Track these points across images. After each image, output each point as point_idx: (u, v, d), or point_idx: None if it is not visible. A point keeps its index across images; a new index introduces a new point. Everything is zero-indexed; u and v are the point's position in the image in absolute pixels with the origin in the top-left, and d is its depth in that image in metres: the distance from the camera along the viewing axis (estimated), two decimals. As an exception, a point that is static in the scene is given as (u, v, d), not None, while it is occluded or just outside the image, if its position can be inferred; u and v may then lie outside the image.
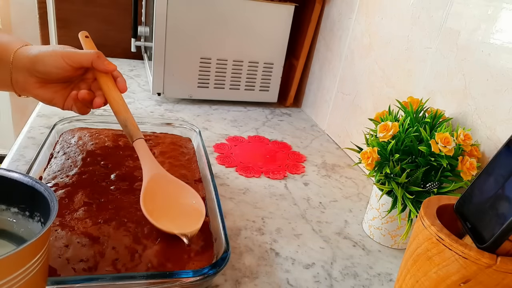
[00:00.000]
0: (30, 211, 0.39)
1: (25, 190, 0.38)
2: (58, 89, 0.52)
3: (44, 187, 0.37)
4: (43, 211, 0.37)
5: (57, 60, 0.48)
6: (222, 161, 0.77)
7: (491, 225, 0.34)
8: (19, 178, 0.38)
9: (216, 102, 1.08)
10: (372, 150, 0.56)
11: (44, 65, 0.48)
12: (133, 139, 0.51)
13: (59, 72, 0.49)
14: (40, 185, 0.37)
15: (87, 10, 1.25)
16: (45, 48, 0.49)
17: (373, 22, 0.81)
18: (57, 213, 0.34)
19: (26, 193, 0.38)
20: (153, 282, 0.40)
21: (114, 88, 0.52)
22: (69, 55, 0.49)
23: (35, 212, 0.39)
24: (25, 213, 0.39)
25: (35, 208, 0.39)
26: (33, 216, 0.39)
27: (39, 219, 0.38)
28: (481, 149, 0.54)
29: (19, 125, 1.70)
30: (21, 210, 0.40)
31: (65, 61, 0.49)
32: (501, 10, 0.52)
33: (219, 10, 0.96)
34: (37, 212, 0.38)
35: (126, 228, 0.47)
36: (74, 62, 0.50)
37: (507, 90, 0.51)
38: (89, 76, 0.54)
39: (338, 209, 0.68)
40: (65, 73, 0.50)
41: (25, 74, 0.49)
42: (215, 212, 0.51)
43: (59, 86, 0.52)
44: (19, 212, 0.40)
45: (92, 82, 0.54)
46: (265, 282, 0.49)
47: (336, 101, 0.95)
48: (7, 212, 0.40)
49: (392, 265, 0.56)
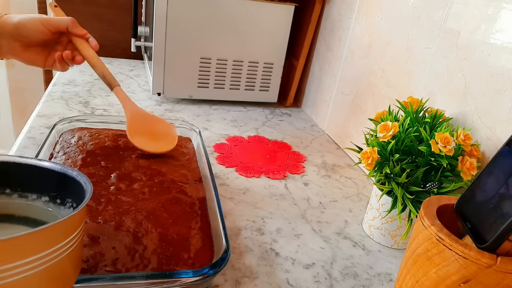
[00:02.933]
0: (61, 198, 0.40)
1: (55, 177, 0.39)
2: (39, 51, 0.60)
3: (76, 172, 0.38)
4: (75, 197, 0.38)
5: (37, 25, 0.57)
6: (222, 161, 0.77)
7: (491, 225, 0.34)
8: (49, 166, 0.40)
9: (216, 102, 1.08)
10: (372, 150, 0.56)
11: (27, 30, 0.56)
12: (112, 87, 0.63)
13: (39, 36, 0.57)
14: (71, 171, 0.38)
15: (87, 10, 1.25)
16: (25, 16, 0.57)
17: (373, 22, 0.81)
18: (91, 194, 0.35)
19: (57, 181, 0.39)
20: (153, 282, 0.40)
21: (88, 47, 0.61)
22: (47, 21, 0.57)
23: (67, 198, 0.40)
24: (56, 200, 0.41)
25: (67, 194, 0.40)
26: (65, 203, 0.40)
27: (71, 204, 0.39)
28: (481, 149, 0.54)
29: (19, 125, 1.70)
30: (52, 198, 0.41)
31: (44, 26, 0.57)
32: (501, 10, 0.52)
33: (219, 10, 0.96)
34: (69, 198, 0.40)
35: (126, 228, 0.47)
36: (52, 27, 0.58)
37: (507, 90, 0.51)
38: (64, 40, 0.62)
39: (338, 209, 0.68)
40: (43, 36, 0.58)
41: (9, 39, 0.57)
42: (215, 212, 0.51)
43: (39, 48, 0.60)
44: (50, 200, 0.41)
45: (66, 44, 0.62)
46: (265, 282, 0.49)
47: (336, 101, 0.95)
48: (39, 201, 0.41)
49: (392, 265, 0.56)
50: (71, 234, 0.32)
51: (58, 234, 0.31)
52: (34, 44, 0.58)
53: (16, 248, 0.28)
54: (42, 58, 0.61)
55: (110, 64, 1.25)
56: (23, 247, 0.28)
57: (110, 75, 0.63)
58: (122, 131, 0.69)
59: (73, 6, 1.23)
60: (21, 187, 0.41)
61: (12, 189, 0.41)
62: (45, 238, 0.30)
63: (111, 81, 0.63)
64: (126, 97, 0.64)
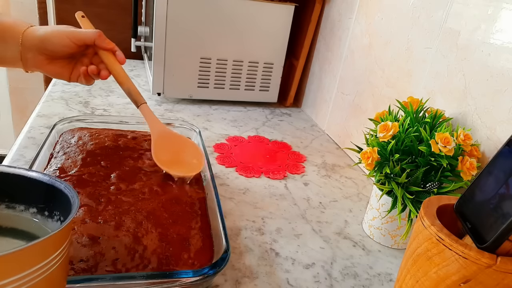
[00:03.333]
0: (49, 210, 0.39)
1: (43, 188, 0.38)
2: (64, 64, 0.59)
3: (64, 185, 0.37)
4: (62, 209, 0.37)
5: (63, 39, 0.55)
6: (222, 161, 0.77)
7: (491, 225, 0.34)
8: (37, 177, 0.38)
9: (216, 102, 1.08)
10: (372, 150, 0.56)
11: (52, 44, 0.55)
12: (138, 104, 0.60)
13: (65, 49, 0.56)
14: (59, 183, 0.37)
15: (87, 10, 1.24)
16: (51, 28, 0.56)
17: (373, 22, 0.81)
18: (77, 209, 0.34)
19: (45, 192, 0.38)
20: (153, 282, 0.40)
21: (115, 61, 0.59)
22: (73, 35, 0.56)
23: (54, 211, 0.39)
24: (44, 212, 0.39)
25: (54, 207, 0.39)
26: (53, 216, 0.39)
27: (59, 218, 0.38)
28: (481, 149, 0.54)
29: (19, 125, 1.70)
30: (40, 210, 0.40)
31: (70, 40, 0.56)
32: (501, 10, 0.52)
33: (219, 10, 0.96)
34: (57, 211, 0.38)
35: (126, 228, 0.47)
36: (78, 41, 0.56)
37: (507, 90, 0.51)
38: (90, 52, 0.60)
39: (338, 209, 0.68)
40: (69, 50, 0.56)
41: (34, 52, 0.55)
42: (215, 212, 0.51)
43: (64, 61, 0.58)
44: (37, 212, 0.40)
45: (92, 56, 0.60)
46: (265, 282, 0.49)
47: (336, 101, 0.95)
48: (26, 213, 0.40)
49: (392, 265, 0.56)
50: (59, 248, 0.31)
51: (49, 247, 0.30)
52: (60, 57, 0.57)
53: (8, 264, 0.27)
54: (68, 71, 0.59)
55: (110, 64, 1.25)
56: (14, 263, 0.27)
57: (137, 92, 0.61)
58: (122, 131, 0.69)
59: (73, 6, 1.23)
60: (9, 198, 0.40)
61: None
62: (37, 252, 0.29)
63: (137, 98, 0.60)
64: (153, 115, 0.61)
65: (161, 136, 0.60)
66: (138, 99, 0.60)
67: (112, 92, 1.03)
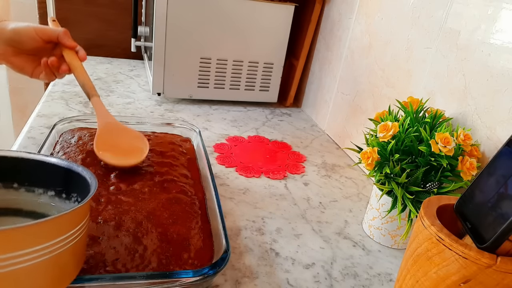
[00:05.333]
0: (66, 192, 0.42)
1: (61, 173, 0.41)
2: (29, 59, 0.60)
3: (82, 168, 0.40)
4: (80, 191, 0.40)
5: (30, 32, 0.58)
6: (222, 161, 0.77)
7: (491, 225, 0.34)
8: (56, 162, 0.41)
9: (216, 102, 1.08)
10: (372, 150, 0.56)
11: (20, 35, 0.58)
12: (90, 97, 0.61)
13: (31, 42, 0.58)
14: (77, 166, 0.40)
15: (87, 10, 1.25)
16: (21, 23, 0.59)
17: (373, 22, 0.81)
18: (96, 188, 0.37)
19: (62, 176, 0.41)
20: (153, 282, 0.40)
21: (75, 58, 0.61)
22: (40, 29, 0.59)
23: (72, 193, 0.42)
24: (62, 195, 0.42)
25: (72, 189, 0.41)
26: (70, 198, 0.42)
27: (76, 199, 0.41)
28: (481, 149, 0.54)
29: (19, 125, 1.69)
30: (57, 192, 0.43)
31: (36, 33, 0.58)
32: (501, 10, 0.52)
33: (219, 10, 0.96)
34: (74, 192, 0.41)
35: (126, 228, 0.47)
36: (44, 35, 0.59)
37: (507, 90, 0.51)
38: (57, 52, 0.62)
39: (338, 209, 0.68)
40: (36, 43, 0.59)
41: (3, 44, 0.58)
42: (215, 212, 0.51)
43: (30, 56, 0.60)
44: (55, 195, 0.42)
45: (59, 57, 0.61)
46: (265, 282, 0.49)
47: (336, 101, 0.95)
48: (45, 196, 0.42)
49: (392, 265, 0.56)
50: (75, 226, 0.34)
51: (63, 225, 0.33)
52: (26, 51, 0.59)
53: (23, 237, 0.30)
54: (31, 66, 0.61)
55: (110, 64, 1.26)
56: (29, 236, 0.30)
57: (91, 86, 0.62)
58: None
59: (73, 6, 1.23)
60: (28, 182, 0.43)
61: (19, 184, 0.43)
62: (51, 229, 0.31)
63: (90, 91, 0.61)
64: (103, 109, 0.62)
65: (107, 128, 0.61)
66: (90, 92, 0.61)
67: (112, 92, 1.03)
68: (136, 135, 0.62)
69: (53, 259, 0.32)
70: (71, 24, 1.24)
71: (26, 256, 0.30)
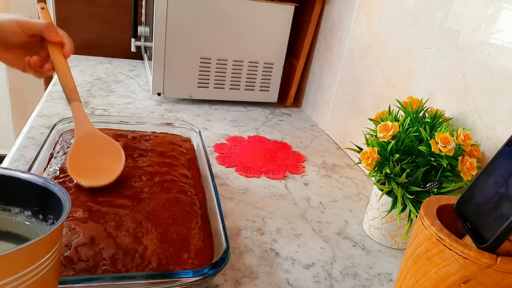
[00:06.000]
0: (43, 213, 0.39)
1: (38, 191, 0.38)
2: (19, 54, 0.58)
3: (58, 188, 0.37)
4: (56, 213, 0.37)
5: (13, 26, 0.55)
6: (222, 161, 0.77)
7: (491, 225, 0.34)
8: (31, 179, 0.38)
9: (216, 102, 1.08)
10: (372, 150, 0.56)
11: (3, 31, 0.55)
12: (70, 101, 0.57)
13: (16, 38, 0.56)
14: (53, 186, 0.37)
15: (87, 10, 1.25)
16: (5, 16, 0.56)
17: (373, 22, 0.81)
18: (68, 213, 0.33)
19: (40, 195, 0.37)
20: (153, 282, 0.40)
21: (60, 55, 0.58)
22: (23, 23, 0.56)
23: (49, 214, 0.38)
24: (39, 216, 0.39)
25: (48, 210, 0.38)
26: (47, 219, 0.39)
27: (52, 221, 0.38)
28: (481, 149, 0.54)
29: (19, 125, 1.70)
30: (34, 213, 0.39)
31: (19, 28, 0.55)
32: (501, 10, 0.52)
33: (219, 10, 0.96)
34: (51, 214, 0.38)
35: (126, 228, 0.47)
36: (26, 29, 0.56)
37: (507, 90, 0.51)
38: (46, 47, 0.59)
39: (338, 209, 0.68)
40: (20, 38, 0.56)
41: None
42: (215, 212, 0.51)
43: (20, 51, 0.58)
44: (32, 215, 0.39)
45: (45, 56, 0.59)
46: (265, 282, 0.49)
47: (336, 101, 0.95)
48: (21, 215, 0.39)
49: (392, 265, 0.56)
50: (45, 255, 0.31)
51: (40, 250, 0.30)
52: (13, 45, 0.57)
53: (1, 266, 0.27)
54: (22, 60, 0.58)
55: (110, 64, 1.26)
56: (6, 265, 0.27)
57: (73, 89, 0.57)
58: (122, 131, 0.69)
59: (73, 6, 1.23)
60: (4, 200, 0.39)
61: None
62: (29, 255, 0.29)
63: (71, 93, 0.57)
64: (83, 116, 0.57)
65: (84, 139, 0.56)
66: (71, 96, 0.57)
67: (112, 92, 1.03)
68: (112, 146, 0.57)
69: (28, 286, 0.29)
70: (71, 24, 1.24)
71: None
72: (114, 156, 0.56)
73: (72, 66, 1.16)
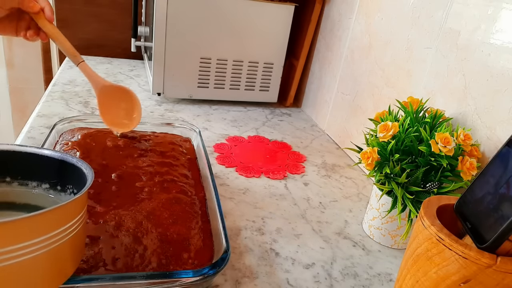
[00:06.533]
0: (61, 185, 0.41)
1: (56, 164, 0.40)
2: (6, 21, 0.60)
3: (76, 159, 0.39)
4: (75, 182, 0.40)
5: None
6: (222, 161, 0.77)
7: (491, 225, 0.34)
8: (49, 154, 0.41)
9: (216, 102, 1.08)
10: (372, 150, 0.56)
11: None
12: (76, 64, 0.62)
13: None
14: (71, 158, 0.40)
15: (87, 10, 1.25)
16: None
17: (373, 22, 0.81)
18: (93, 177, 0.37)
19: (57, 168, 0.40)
20: (153, 282, 0.40)
21: (45, 22, 0.59)
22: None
23: (67, 185, 0.41)
24: (57, 187, 0.42)
25: (67, 180, 0.41)
26: (65, 189, 0.41)
27: (72, 190, 0.41)
28: (481, 149, 0.54)
29: (19, 125, 1.70)
30: (52, 185, 0.42)
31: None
32: (501, 10, 0.52)
33: (219, 10, 0.96)
34: (69, 184, 0.41)
35: (126, 228, 0.47)
36: (5, 4, 0.57)
37: (507, 90, 0.51)
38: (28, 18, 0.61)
39: (338, 209, 0.68)
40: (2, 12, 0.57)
41: None
42: (215, 212, 0.51)
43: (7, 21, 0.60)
44: (50, 187, 0.42)
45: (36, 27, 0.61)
46: (265, 282, 0.49)
47: (336, 101, 0.95)
48: (39, 188, 0.42)
49: (392, 265, 0.56)
50: (73, 218, 0.33)
51: (59, 218, 0.32)
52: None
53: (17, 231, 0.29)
54: (12, 29, 0.60)
55: (110, 64, 1.26)
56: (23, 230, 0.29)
57: (73, 52, 0.61)
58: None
59: (73, 6, 1.23)
60: (22, 175, 0.42)
61: (12, 177, 0.42)
62: (49, 220, 0.31)
63: (73, 59, 0.61)
64: (92, 72, 0.63)
65: (102, 93, 0.63)
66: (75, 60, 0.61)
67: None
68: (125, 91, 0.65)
69: (51, 252, 0.31)
70: (71, 24, 1.24)
71: (24, 249, 0.29)
72: (129, 100, 0.65)
73: (72, 66, 1.17)
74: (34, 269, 0.31)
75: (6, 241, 0.28)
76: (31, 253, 0.30)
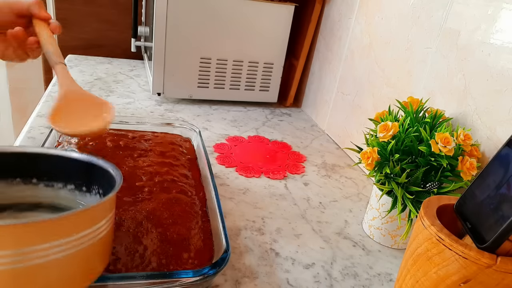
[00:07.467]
0: (86, 186, 0.42)
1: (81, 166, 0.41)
2: None
3: (102, 160, 0.40)
4: (101, 183, 0.40)
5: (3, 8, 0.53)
6: (222, 161, 0.77)
7: (491, 225, 0.34)
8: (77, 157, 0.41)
9: (216, 102, 1.08)
10: (372, 150, 0.56)
11: None
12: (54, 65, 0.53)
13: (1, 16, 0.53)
14: (97, 160, 0.40)
15: (87, 10, 1.25)
16: None
17: (373, 22, 0.81)
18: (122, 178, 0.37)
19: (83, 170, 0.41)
20: (153, 282, 0.40)
21: (46, 29, 0.55)
22: (9, 2, 0.54)
23: (93, 185, 0.41)
24: (82, 188, 0.42)
25: (93, 182, 0.41)
26: (91, 190, 0.41)
27: (97, 191, 0.41)
28: (481, 149, 0.54)
29: (19, 125, 1.69)
30: (77, 186, 0.42)
31: (6, 6, 0.53)
32: (501, 10, 0.52)
33: (219, 10, 0.96)
34: (95, 185, 0.41)
35: (126, 228, 0.47)
36: (13, 8, 0.53)
37: (507, 90, 0.51)
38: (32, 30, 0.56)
39: (338, 209, 0.68)
40: (5, 17, 0.53)
41: None
42: (215, 212, 0.51)
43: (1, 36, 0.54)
44: (75, 188, 0.42)
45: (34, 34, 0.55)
46: (265, 282, 0.49)
47: (336, 101, 0.95)
48: (64, 190, 0.42)
49: (392, 265, 0.56)
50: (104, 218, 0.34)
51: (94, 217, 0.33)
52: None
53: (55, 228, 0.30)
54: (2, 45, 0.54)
55: (110, 64, 1.26)
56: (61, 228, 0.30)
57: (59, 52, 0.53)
58: (122, 131, 0.69)
59: (73, 6, 1.23)
60: (47, 177, 0.43)
61: (38, 179, 0.43)
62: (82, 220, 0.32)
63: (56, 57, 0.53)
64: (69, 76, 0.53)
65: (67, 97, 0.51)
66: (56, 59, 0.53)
67: (112, 92, 1.03)
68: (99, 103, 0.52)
69: (82, 251, 0.32)
70: (71, 24, 1.24)
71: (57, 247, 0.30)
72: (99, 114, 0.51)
73: (72, 66, 1.17)
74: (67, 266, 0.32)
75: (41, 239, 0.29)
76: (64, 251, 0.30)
